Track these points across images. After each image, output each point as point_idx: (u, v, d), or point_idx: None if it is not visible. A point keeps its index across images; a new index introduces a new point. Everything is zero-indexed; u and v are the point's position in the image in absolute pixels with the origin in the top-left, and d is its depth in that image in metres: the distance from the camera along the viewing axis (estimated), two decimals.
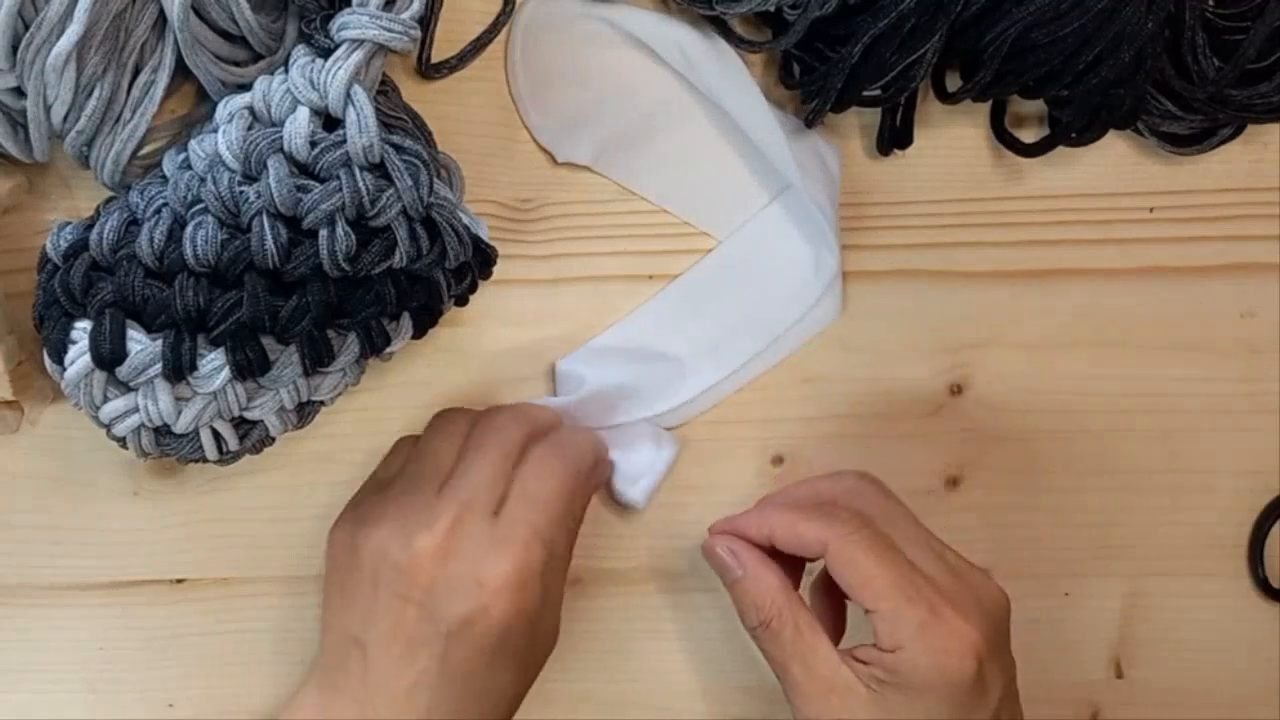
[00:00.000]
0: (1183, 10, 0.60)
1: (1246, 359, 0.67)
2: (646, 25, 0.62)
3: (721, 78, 0.62)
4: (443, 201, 0.55)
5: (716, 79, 0.62)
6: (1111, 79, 0.60)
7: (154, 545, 0.64)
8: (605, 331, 0.64)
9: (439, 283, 0.57)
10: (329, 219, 0.53)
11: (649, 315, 0.64)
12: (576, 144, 0.63)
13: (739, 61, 0.62)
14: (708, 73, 0.62)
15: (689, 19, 0.62)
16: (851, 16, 0.59)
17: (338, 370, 0.57)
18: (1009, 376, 0.66)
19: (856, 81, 0.60)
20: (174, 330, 0.54)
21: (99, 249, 0.54)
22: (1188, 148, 0.65)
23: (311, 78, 0.53)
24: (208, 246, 0.53)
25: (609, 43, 0.62)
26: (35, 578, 0.64)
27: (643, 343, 0.64)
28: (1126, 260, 0.66)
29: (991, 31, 0.59)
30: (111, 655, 0.64)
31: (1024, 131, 0.65)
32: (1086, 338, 0.66)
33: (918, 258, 0.66)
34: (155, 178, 0.56)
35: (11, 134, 0.56)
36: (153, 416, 0.55)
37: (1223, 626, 0.68)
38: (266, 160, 0.53)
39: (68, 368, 0.54)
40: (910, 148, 0.64)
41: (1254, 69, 0.61)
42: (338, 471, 0.64)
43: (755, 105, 0.62)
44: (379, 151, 0.53)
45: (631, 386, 0.64)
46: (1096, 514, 0.67)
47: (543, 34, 0.62)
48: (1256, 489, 0.68)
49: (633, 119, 0.63)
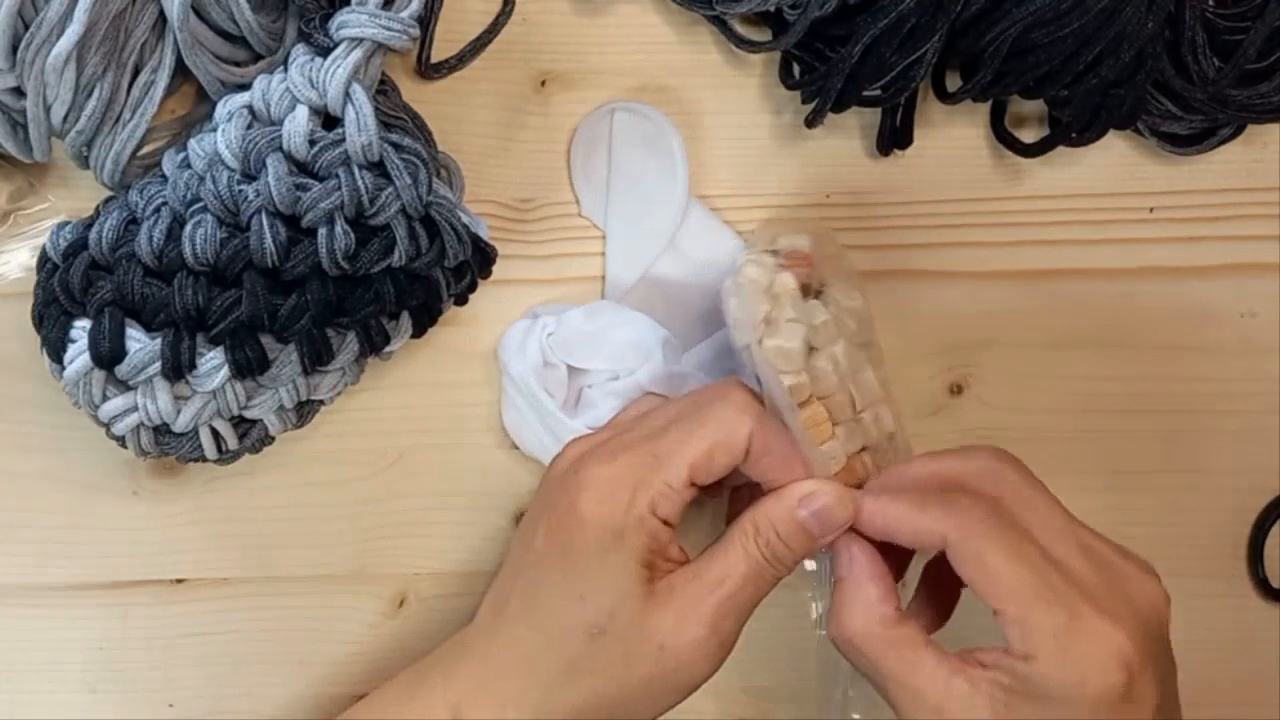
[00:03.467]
0: (1183, 10, 0.60)
1: (1246, 359, 0.67)
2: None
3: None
4: (442, 200, 0.55)
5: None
6: (1111, 79, 0.60)
7: (154, 545, 0.64)
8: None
9: (438, 282, 0.57)
10: (328, 217, 0.53)
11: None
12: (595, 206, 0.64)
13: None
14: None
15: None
16: (851, 16, 0.59)
17: (337, 369, 0.57)
18: (1009, 376, 0.66)
19: (856, 81, 0.60)
20: (173, 329, 0.54)
21: (98, 248, 0.54)
22: (1188, 148, 0.65)
23: (311, 76, 0.53)
24: (207, 245, 0.53)
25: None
26: (35, 578, 0.64)
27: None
28: (1126, 260, 0.66)
29: (991, 31, 0.59)
30: (111, 655, 0.64)
31: (1024, 131, 0.65)
32: (1086, 338, 0.66)
33: (918, 258, 0.66)
34: (155, 177, 0.56)
35: (11, 134, 0.56)
36: (152, 415, 0.55)
37: (1223, 626, 0.68)
38: (265, 159, 0.53)
39: (67, 366, 0.55)
40: (910, 148, 0.64)
41: (1254, 69, 0.61)
42: (338, 471, 0.64)
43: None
44: (378, 150, 0.53)
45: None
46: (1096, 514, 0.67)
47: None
48: (1256, 489, 0.68)
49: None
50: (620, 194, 0.64)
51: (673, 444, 0.54)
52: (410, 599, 0.65)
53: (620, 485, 0.54)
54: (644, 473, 0.54)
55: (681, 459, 0.54)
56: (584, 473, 0.55)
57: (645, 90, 0.64)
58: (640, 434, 0.56)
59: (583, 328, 0.62)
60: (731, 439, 0.54)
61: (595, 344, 0.62)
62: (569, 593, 0.54)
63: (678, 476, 0.54)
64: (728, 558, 0.54)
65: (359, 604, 0.65)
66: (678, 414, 0.56)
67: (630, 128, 0.63)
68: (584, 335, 0.62)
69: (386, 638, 0.65)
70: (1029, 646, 0.50)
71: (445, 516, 0.65)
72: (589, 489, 0.54)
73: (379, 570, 0.65)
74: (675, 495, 0.54)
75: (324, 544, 0.64)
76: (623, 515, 0.54)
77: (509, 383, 0.63)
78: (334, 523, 0.64)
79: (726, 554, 0.54)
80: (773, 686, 0.60)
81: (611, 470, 0.54)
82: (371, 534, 0.64)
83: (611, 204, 0.64)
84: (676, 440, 0.55)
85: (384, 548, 0.65)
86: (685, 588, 0.54)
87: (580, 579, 0.54)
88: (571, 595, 0.54)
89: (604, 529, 0.54)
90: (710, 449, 0.54)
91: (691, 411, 0.56)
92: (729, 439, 0.54)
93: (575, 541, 0.54)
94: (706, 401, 0.56)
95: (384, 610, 0.65)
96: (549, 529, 0.55)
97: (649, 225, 0.63)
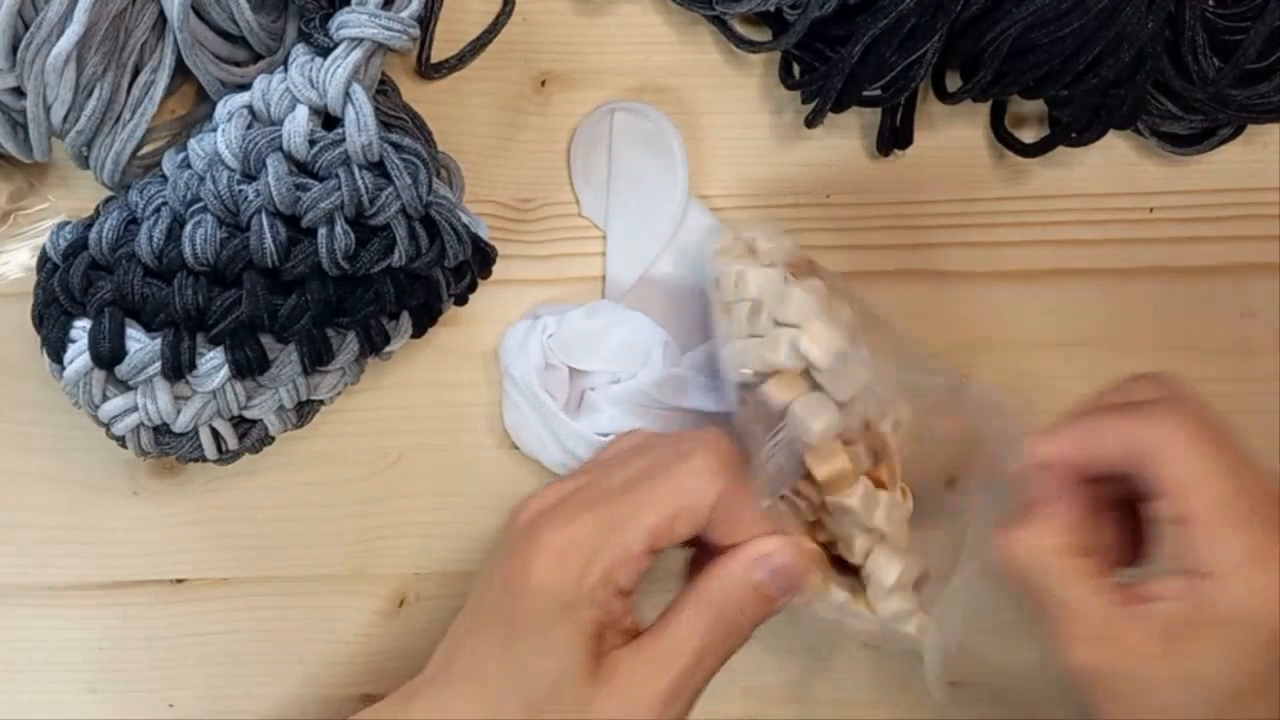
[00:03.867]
0: (1183, 10, 0.60)
1: (1246, 359, 0.67)
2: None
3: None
4: (441, 200, 0.55)
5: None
6: (1111, 79, 0.60)
7: (154, 545, 0.64)
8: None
9: (438, 281, 0.57)
10: (328, 217, 0.53)
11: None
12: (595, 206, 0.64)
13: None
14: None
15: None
16: (851, 16, 0.59)
17: (337, 369, 0.57)
18: (1009, 376, 0.66)
19: (856, 81, 0.60)
20: (173, 329, 0.54)
21: (98, 248, 0.54)
22: (1188, 148, 0.65)
23: (310, 76, 0.53)
24: (207, 245, 0.53)
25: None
26: (35, 578, 0.64)
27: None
28: (1126, 260, 0.66)
29: (991, 31, 0.59)
30: (111, 655, 0.64)
31: (1024, 131, 0.65)
32: (1086, 338, 0.66)
33: (918, 258, 0.66)
34: (155, 177, 0.56)
35: (11, 134, 0.57)
36: (152, 415, 0.55)
37: None
38: (265, 159, 0.53)
39: (67, 367, 0.55)
40: (910, 148, 0.64)
41: (1254, 69, 0.61)
42: (338, 471, 0.64)
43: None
44: (378, 150, 0.53)
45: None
46: None
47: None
48: None
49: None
50: (621, 194, 0.64)
51: (633, 507, 0.52)
52: (410, 599, 0.65)
53: (575, 552, 0.51)
54: (601, 539, 0.51)
55: (641, 525, 0.51)
56: (539, 537, 0.52)
57: (645, 90, 0.64)
58: (602, 490, 0.53)
59: (582, 327, 0.62)
60: (696, 505, 0.52)
61: (594, 344, 0.62)
62: (513, 660, 0.52)
63: (637, 543, 0.51)
64: (679, 633, 0.52)
65: (359, 604, 0.65)
66: (647, 468, 0.53)
67: (630, 128, 0.63)
68: (583, 335, 0.62)
69: (386, 638, 0.65)
70: (1215, 561, 0.45)
71: (445, 516, 0.65)
72: (542, 554, 0.51)
73: (379, 570, 0.65)
74: (634, 563, 0.51)
75: (324, 544, 0.64)
76: (574, 585, 0.51)
77: (510, 383, 0.63)
78: (334, 523, 0.64)
79: (678, 628, 0.52)
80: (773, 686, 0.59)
81: (567, 535, 0.52)
82: (371, 534, 0.64)
83: (612, 204, 0.64)
84: (637, 503, 0.52)
85: (384, 548, 0.65)
86: (633, 668, 0.51)
87: (525, 648, 0.51)
88: (515, 663, 0.51)
89: (553, 599, 0.51)
90: (673, 515, 0.51)
91: (659, 469, 0.53)
92: (693, 505, 0.52)
93: (524, 608, 0.51)
94: (675, 459, 0.53)
95: (384, 610, 0.65)
96: (499, 590, 0.53)
97: (649, 225, 0.63)
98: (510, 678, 0.51)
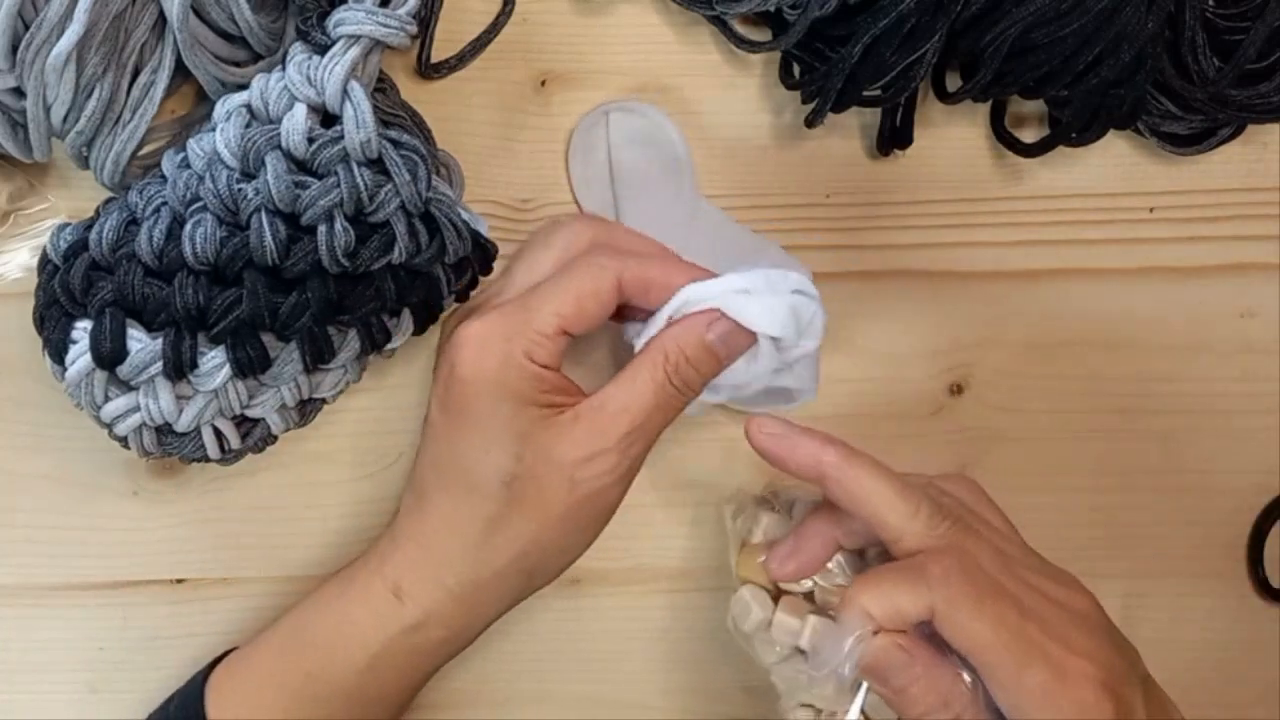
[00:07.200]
0: (1183, 10, 0.60)
1: (1246, 359, 0.67)
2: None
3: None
4: (441, 196, 0.55)
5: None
6: (1111, 79, 0.60)
7: (154, 545, 0.64)
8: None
9: (439, 278, 0.57)
10: (327, 215, 0.53)
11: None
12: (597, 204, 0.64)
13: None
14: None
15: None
16: (851, 16, 0.59)
17: (339, 367, 0.57)
18: (1009, 376, 0.66)
19: (856, 81, 0.60)
20: (174, 328, 0.54)
21: (99, 248, 0.54)
22: (1188, 148, 0.65)
23: (308, 74, 0.53)
24: (207, 244, 0.53)
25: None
26: (35, 578, 0.64)
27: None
28: (1126, 260, 0.66)
29: (991, 31, 0.59)
30: (111, 655, 0.64)
31: (1024, 131, 0.65)
32: (1086, 338, 0.66)
33: (918, 258, 0.66)
34: (155, 177, 0.56)
35: (11, 134, 0.57)
36: (154, 415, 0.55)
37: (1223, 626, 0.68)
38: (264, 157, 0.53)
39: (68, 367, 0.55)
40: (910, 148, 0.64)
41: (1254, 69, 0.61)
42: (338, 471, 0.64)
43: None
44: (376, 147, 0.53)
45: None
46: (1096, 514, 0.67)
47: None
48: (1256, 489, 0.68)
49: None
50: (628, 196, 0.64)
51: (540, 297, 0.56)
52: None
53: (493, 339, 0.56)
54: (514, 325, 0.56)
55: (549, 308, 0.55)
56: (457, 335, 0.56)
57: (645, 90, 0.64)
58: (511, 294, 0.58)
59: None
60: (598, 287, 0.56)
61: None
62: (474, 451, 0.56)
63: (547, 324, 0.55)
64: (634, 385, 0.56)
65: None
66: (550, 272, 0.58)
67: (627, 127, 0.63)
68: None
69: None
70: (1022, 710, 0.52)
71: None
72: (463, 348, 0.56)
73: None
74: (548, 342, 0.55)
75: (324, 544, 0.64)
76: (500, 366, 0.55)
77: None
78: (334, 522, 0.64)
79: (634, 382, 0.56)
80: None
81: (482, 326, 0.56)
82: (371, 534, 0.64)
83: (621, 206, 0.64)
84: (544, 293, 0.56)
85: None
86: (591, 417, 0.55)
87: (480, 435, 0.56)
88: (477, 452, 0.56)
89: (487, 381, 0.55)
90: (577, 298, 0.56)
91: (563, 269, 0.57)
92: (595, 287, 0.56)
93: (465, 402, 0.56)
94: (575, 257, 0.58)
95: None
96: (439, 400, 0.57)
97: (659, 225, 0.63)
98: (479, 466, 0.56)
